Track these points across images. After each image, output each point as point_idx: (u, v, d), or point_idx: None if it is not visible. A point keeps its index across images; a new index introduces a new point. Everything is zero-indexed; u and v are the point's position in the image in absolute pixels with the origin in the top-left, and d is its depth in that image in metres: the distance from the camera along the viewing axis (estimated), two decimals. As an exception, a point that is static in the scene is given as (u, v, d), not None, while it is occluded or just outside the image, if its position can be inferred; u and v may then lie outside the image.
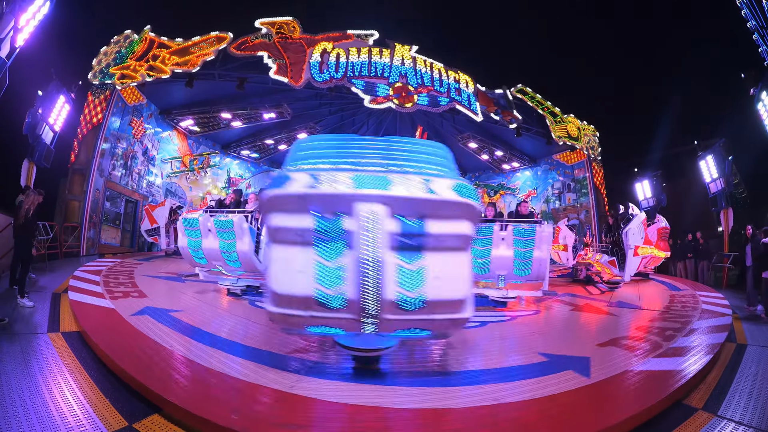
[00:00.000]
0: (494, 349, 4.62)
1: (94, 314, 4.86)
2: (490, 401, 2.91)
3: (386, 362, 3.66)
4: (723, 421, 2.90)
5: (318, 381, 3.24)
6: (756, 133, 12.17)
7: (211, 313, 5.69)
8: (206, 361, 3.54)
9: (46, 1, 8.92)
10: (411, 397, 3.01)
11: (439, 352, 4.23)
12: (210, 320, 5.22)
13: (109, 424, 2.60)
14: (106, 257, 11.99)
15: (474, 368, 3.87)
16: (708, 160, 14.99)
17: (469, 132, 20.37)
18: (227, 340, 4.39)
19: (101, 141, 13.12)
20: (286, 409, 2.79)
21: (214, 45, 13.68)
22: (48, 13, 9.09)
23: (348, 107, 18.96)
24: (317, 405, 2.83)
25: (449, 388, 3.22)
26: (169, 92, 15.41)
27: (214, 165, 20.02)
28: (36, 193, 6.16)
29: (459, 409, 2.85)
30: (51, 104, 11.06)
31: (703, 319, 5.96)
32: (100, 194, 13.47)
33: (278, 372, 3.37)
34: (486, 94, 17.37)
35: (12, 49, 8.14)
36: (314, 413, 2.76)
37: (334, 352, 3.90)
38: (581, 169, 20.03)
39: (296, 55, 14.14)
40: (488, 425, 2.65)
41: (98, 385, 3.17)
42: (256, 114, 17.91)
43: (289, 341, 4.24)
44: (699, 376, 3.62)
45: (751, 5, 10.55)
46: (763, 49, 10.74)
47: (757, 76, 11.59)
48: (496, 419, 2.73)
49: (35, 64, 9.86)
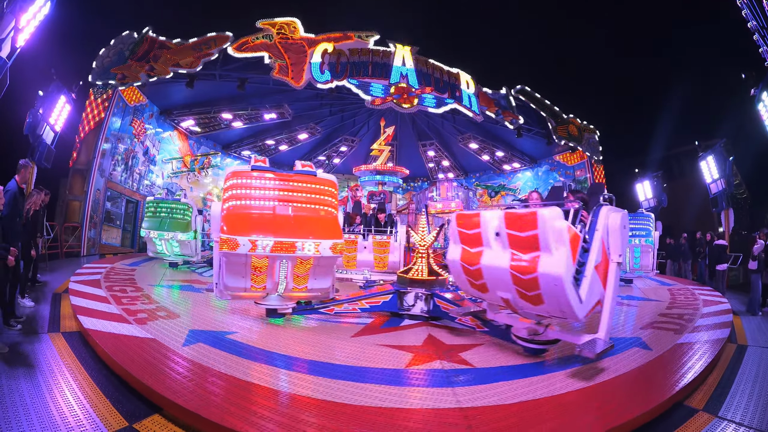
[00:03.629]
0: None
1: (131, 348, 3.71)
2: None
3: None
4: (723, 422, 2.89)
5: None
6: (756, 133, 12.17)
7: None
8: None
9: (46, 1, 8.92)
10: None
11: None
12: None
13: (110, 424, 2.60)
14: (108, 257, 12.02)
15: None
16: (709, 160, 14.99)
17: (470, 132, 20.38)
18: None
19: (102, 141, 13.13)
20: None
21: (215, 45, 13.69)
22: (49, 14, 9.09)
23: (348, 108, 18.99)
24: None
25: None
26: (169, 92, 15.43)
27: (214, 165, 20.03)
28: (39, 193, 6.14)
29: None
30: (52, 104, 11.05)
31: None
32: (100, 194, 13.48)
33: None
34: (487, 95, 17.38)
35: (13, 49, 8.14)
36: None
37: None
38: (582, 169, 20.03)
39: (297, 56, 14.15)
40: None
41: (98, 385, 3.17)
42: (257, 114, 17.93)
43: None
44: (700, 377, 3.61)
45: (752, 5, 10.54)
46: (763, 50, 10.72)
47: (758, 76, 11.59)
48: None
49: (36, 65, 9.87)
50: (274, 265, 5.00)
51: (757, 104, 11.61)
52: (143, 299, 6.04)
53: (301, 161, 5.59)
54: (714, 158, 14.75)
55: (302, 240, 4.87)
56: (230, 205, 4.96)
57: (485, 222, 3.89)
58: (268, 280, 5.06)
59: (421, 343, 4.53)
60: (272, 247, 4.76)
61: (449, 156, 23.62)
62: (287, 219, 5.01)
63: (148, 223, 10.65)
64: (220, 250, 4.78)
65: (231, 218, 4.84)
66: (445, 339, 4.70)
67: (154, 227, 10.47)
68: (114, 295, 6.01)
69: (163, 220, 10.44)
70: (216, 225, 5.11)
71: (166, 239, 10.39)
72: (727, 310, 6.88)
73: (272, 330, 4.93)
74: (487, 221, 3.87)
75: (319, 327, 5.22)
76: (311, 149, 23.12)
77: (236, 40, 13.81)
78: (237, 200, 5.00)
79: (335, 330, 5.08)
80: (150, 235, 10.49)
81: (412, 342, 4.59)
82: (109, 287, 6.60)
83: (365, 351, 4.16)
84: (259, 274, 4.95)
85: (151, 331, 4.36)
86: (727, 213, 14.24)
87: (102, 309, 5.09)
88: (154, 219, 10.59)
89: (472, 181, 25.24)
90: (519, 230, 3.57)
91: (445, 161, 24.10)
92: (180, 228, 10.43)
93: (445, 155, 23.54)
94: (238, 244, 4.61)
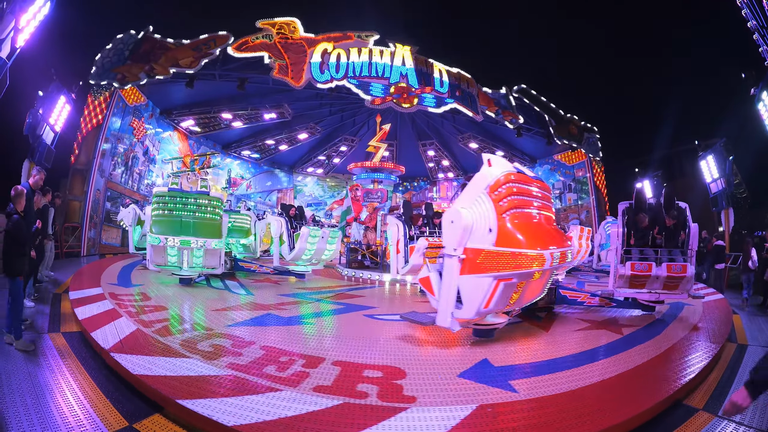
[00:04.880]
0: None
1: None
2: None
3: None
4: (723, 422, 2.89)
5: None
6: (756, 133, 12.16)
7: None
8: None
9: (46, 1, 8.92)
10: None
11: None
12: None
13: (110, 424, 2.60)
14: (108, 257, 12.02)
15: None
16: (709, 160, 14.99)
17: (470, 132, 20.37)
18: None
19: (102, 141, 13.13)
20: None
21: (215, 45, 13.68)
22: (48, 14, 9.09)
23: (348, 107, 18.98)
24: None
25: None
26: (169, 92, 15.42)
27: (214, 165, 20.03)
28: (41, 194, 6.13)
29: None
30: (51, 104, 11.06)
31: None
32: (100, 194, 13.48)
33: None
34: (487, 95, 17.37)
35: (12, 49, 8.14)
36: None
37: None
38: (582, 169, 20.03)
39: (297, 56, 14.14)
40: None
41: (99, 385, 3.18)
42: (257, 114, 17.93)
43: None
44: (700, 376, 3.61)
45: (751, 5, 10.53)
46: (763, 49, 10.71)
47: (758, 76, 11.58)
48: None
49: (36, 65, 9.87)
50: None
51: (757, 104, 11.60)
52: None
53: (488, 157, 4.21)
54: (714, 158, 14.75)
55: (567, 248, 4.24)
56: (514, 213, 3.93)
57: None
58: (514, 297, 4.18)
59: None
60: (559, 259, 4.02)
61: (449, 156, 23.62)
62: (547, 226, 4.36)
63: (160, 226, 7.47)
64: (492, 272, 3.78)
65: (523, 228, 3.87)
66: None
67: (172, 232, 7.45)
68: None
69: (187, 222, 7.63)
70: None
71: (193, 248, 7.53)
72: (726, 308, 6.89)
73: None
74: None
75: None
76: (311, 149, 23.13)
77: (236, 40, 13.80)
78: (520, 208, 4.00)
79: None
80: (164, 243, 7.38)
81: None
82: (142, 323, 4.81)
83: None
84: (518, 291, 4.14)
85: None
86: (727, 212, 14.24)
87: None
88: (169, 220, 7.56)
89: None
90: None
91: (445, 161, 24.10)
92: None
93: (445, 155, 23.53)
94: (543, 258, 3.74)
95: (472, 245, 3.89)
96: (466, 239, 3.89)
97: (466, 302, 3.98)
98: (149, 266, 7.75)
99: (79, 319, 4.59)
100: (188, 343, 4.02)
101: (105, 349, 3.62)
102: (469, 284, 3.92)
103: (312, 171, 24.96)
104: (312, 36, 14.51)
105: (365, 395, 2.94)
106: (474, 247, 3.89)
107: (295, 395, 2.88)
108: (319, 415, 2.61)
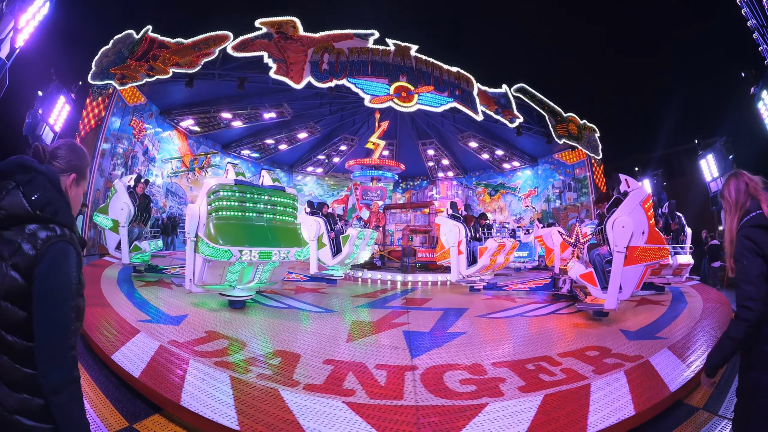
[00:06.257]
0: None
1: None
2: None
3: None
4: (723, 421, 2.89)
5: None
6: (756, 131, 12.17)
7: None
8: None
9: (46, 1, 8.92)
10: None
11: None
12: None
13: (110, 425, 2.59)
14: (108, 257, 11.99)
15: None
16: (709, 158, 15.00)
17: (470, 131, 20.37)
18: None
19: (101, 141, 13.14)
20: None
21: (214, 45, 13.68)
22: (48, 14, 9.10)
23: (348, 107, 18.98)
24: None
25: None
26: (169, 92, 15.42)
27: (214, 165, 20.03)
28: None
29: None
30: (51, 105, 11.07)
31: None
32: (100, 194, 13.48)
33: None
34: (487, 94, 17.36)
35: (12, 49, 8.15)
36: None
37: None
38: (582, 168, 20.03)
39: (296, 55, 14.14)
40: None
41: (99, 385, 3.17)
42: (257, 114, 17.92)
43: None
44: (699, 375, 3.60)
45: (751, 5, 10.53)
46: (763, 48, 10.72)
47: (758, 74, 11.59)
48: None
49: (35, 65, 9.87)
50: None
51: (756, 102, 11.62)
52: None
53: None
54: (714, 156, 14.76)
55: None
56: (651, 221, 5.19)
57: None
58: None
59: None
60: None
61: (449, 155, 23.61)
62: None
63: (229, 234, 4.82)
64: (644, 262, 5.03)
65: (653, 229, 5.18)
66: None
67: (249, 241, 4.93)
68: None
69: (261, 227, 5.25)
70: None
71: (267, 261, 5.26)
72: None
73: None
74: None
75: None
76: (311, 148, 23.14)
77: (235, 39, 13.81)
78: (651, 216, 5.49)
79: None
80: (238, 256, 4.74)
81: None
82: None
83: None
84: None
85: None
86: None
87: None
88: (243, 225, 5.07)
89: (471, 179, 25.24)
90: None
91: (444, 160, 24.10)
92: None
93: (444, 154, 23.53)
94: (668, 251, 5.82)
95: (633, 244, 5.14)
96: (629, 240, 5.11)
97: (625, 286, 5.16)
98: (191, 288, 5.09)
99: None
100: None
101: (104, 350, 3.61)
102: (630, 272, 5.12)
103: (312, 170, 24.97)
104: (311, 35, 14.50)
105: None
106: (634, 245, 5.15)
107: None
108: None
